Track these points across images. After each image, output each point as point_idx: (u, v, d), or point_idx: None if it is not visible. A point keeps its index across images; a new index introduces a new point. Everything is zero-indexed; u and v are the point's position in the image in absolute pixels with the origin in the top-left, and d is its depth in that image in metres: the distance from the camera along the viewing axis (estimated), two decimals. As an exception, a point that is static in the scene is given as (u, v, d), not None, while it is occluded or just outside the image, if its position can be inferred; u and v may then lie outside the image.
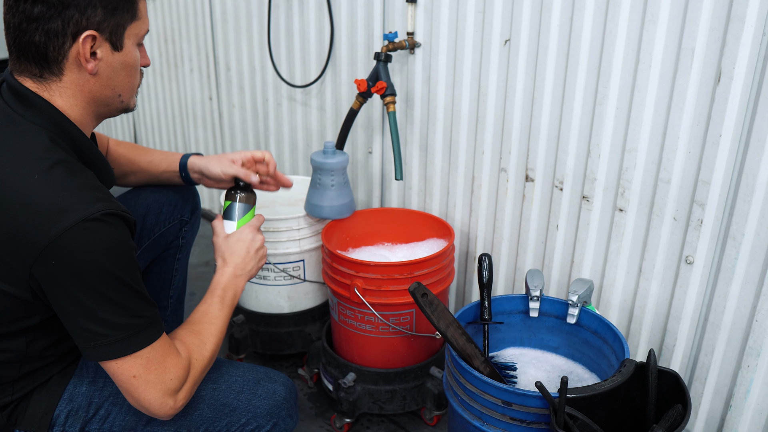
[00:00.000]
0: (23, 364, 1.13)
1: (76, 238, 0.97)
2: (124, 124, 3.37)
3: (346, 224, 1.88)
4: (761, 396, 1.41)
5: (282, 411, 1.25)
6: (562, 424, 1.12)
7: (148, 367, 1.07)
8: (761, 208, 1.31)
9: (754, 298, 1.36)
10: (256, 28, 2.37)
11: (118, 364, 1.05)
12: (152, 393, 1.08)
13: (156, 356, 1.07)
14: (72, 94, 1.08)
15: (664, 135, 1.41)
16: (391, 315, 1.66)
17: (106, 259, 1.00)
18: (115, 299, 1.02)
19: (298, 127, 2.37)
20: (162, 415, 1.11)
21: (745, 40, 1.24)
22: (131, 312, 1.04)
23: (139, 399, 1.08)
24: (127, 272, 1.03)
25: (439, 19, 1.76)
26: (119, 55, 1.10)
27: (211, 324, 1.22)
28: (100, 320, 1.02)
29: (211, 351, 1.19)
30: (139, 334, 1.05)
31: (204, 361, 1.17)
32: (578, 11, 1.47)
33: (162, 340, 1.09)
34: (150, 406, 1.09)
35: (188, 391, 1.13)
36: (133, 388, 1.07)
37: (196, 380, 1.15)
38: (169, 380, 1.09)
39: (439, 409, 1.77)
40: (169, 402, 1.09)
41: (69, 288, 1.00)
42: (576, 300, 1.46)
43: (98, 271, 1.00)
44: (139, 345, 1.05)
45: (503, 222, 1.80)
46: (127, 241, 1.05)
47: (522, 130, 1.68)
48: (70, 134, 1.09)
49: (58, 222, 0.96)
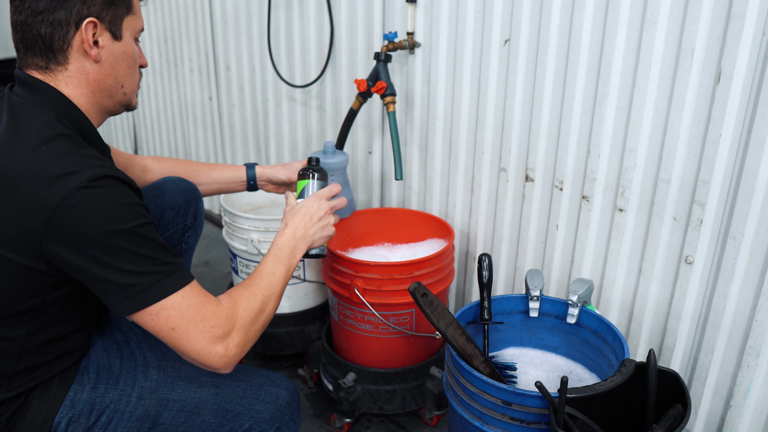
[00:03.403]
0: (20, 358, 1.12)
1: (84, 197, 0.99)
2: (125, 123, 3.37)
3: (346, 224, 1.88)
4: (761, 396, 1.41)
5: (285, 415, 1.24)
6: (562, 424, 1.12)
7: (184, 316, 1.05)
8: (761, 208, 1.31)
9: (754, 298, 1.36)
10: (256, 28, 2.37)
11: (152, 317, 1.04)
12: (196, 342, 1.06)
13: (190, 304, 1.06)
14: (77, 83, 1.12)
15: (664, 135, 1.41)
16: (391, 315, 1.66)
17: (117, 214, 1.01)
18: (134, 250, 1.02)
19: (298, 127, 2.37)
20: (218, 366, 1.09)
21: (745, 39, 1.24)
22: (155, 260, 1.04)
23: (187, 352, 1.07)
24: (141, 225, 1.04)
25: (439, 19, 1.76)
26: (119, 45, 1.15)
27: (262, 279, 1.22)
28: (124, 272, 1.02)
29: (261, 302, 1.18)
30: (166, 279, 1.05)
31: (252, 311, 1.15)
32: (578, 11, 1.47)
33: (194, 287, 1.08)
34: (199, 357, 1.07)
35: (239, 340, 1.11)
36: (176, 342, 1.06)
37: (247, 330, 1.13)
38: (210, 327, 1.07)
39: (439, 409, 1.77)
40: (217, 350, 1.08)
41: (85, 248, 1.00)
42: (576, 300, 1.46)
43: (111, 226, 1.00)
44: (169, 289, 1.04)
45: (503, 222, 1.80)
46: (136, 199, 1.06)
47: (522, 130, 1.68)
48: (76, 119, 1.12)
49: (65, 185, 0.98)
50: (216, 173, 1.66)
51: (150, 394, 1.19)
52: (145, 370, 1.22)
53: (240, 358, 1.13)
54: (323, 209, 1.39)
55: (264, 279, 1.22)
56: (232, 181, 1.67)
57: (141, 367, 1.22)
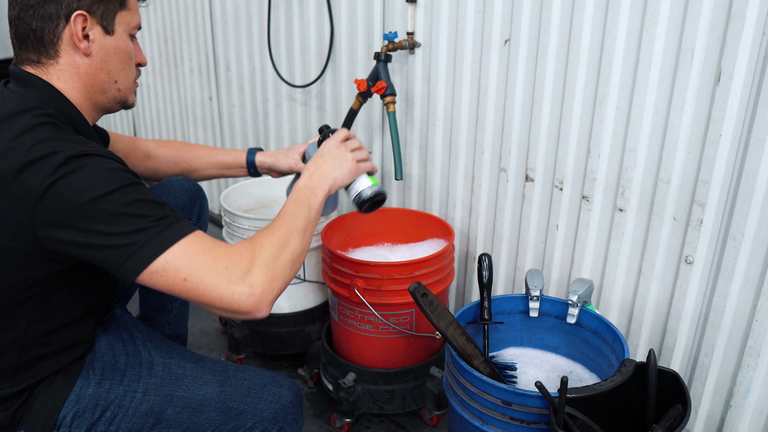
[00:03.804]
0: (23, 350, 1.12)
1: (64, 174, 0.98)
2: (125, 123, 3.37)
3: (346, 224, 1.88)
4: (761, 396, 1.41)
5: (288, 415, 1.25)
6: (562, 424, 1.12)
7: (193, 263, 1.01)
8: (761, 207, 1.31)
9: (754, 298, 1.36)
10: (256, 28, 2.37)
11: (161, 274, 1.00)
12: (215, 287, 1.01)
13: (197, 249, 1.02)
14: (69, 76, 1.13)
15: (664, 135, 1.41)
16: (391, 315, 1.66)
17: (101, 181, 1.00)
18: (125, 211, 1.00)
19: (298, 127, 2.37)
20: (248, 307, 1.03)
21: (745, 39, 1.24)
22: (149, 217, 1.01)
23: (209, 302, 1.02)
24: (128, 185, 1.02)
25: (439, 18, 1.76)
26: (111, 39, 1.15)
27: (280, 218, 1.17)
28: (120, 234, 0.99)
29: (280, 237, 1.12)
30: (164, 232, 1.01)
31: (272, 246, 1.09)
32: (578, 11, 1.47)
33: (198, 235, 1.04)
34: (223, 302, 1.02)
35: (264, 276, 1.04)
36: (193, 293, 1.01)
37: (270, 265, 1.07)
38: (225, 268, 1.02)
39: (439, 409, 1.77)
40: (240, 289, 1.02)
41: (76, 222, 0.99)
42: (576, 300, 1.47)
43: (96, 193, 0.99)
44: (170, 240, 1.01)
45: (503, 222, 1.80)
46: (119, 165, 1.05)
47: (522, 129, 1.68)
48: (67, 112, 1.12)
49: (45, 166, 0.98)
50: (216, 157, 1.64)
51: (155, 390, 1.20)
52: (150, 367, 1.23)
53: (272, 296, 1.05)
54: (339, 149, 1.36)
55: (281, 218, 1.17)
56: (232, 166, 1.64)
57: (146, 364, 1.23)
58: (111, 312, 1.35)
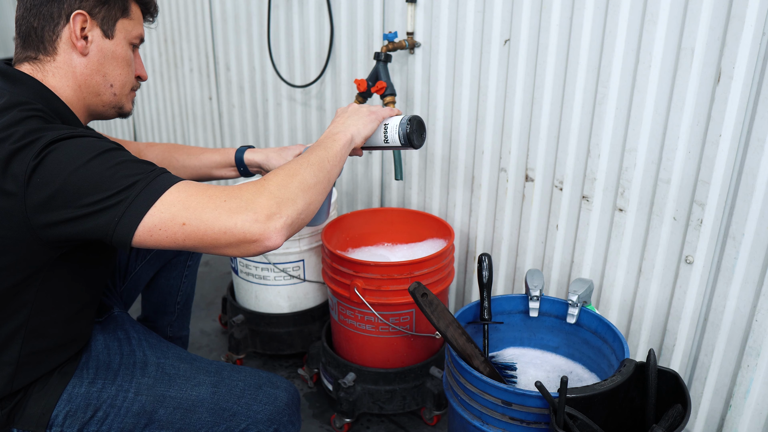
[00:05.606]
0: (24, 342, 1.12)
1: (48, 153, 0.97)
2: (125, 123, 3.37)
3: (346, 224, 1.88)
4: (761, 396, 1.41)
5: (283, 417, 1.24)
6: (562, 424, 1.12)
7: (189, 205, 0.96)
8: (761, 207, 1.31)
9: (754, 298, 1.36)
10: (256, 28, 2.37)
11: (159, 228, 0.96)
12: (215, 222, 0.95)
13: (190, 192, 0.98)
14: (64, 74, 1.14)
15: (664, 135, 1.41)
16: (391, 315, 1.66)
17: (82, 152, 0.98)
18: (109, 173, 0.97)
19: (298, 127, 2.37)
20: (258, 234, 0.96)
21: (745, 39, 1.24)
22: (136, 174, 0.98)
23: (214, 239, 0.96)
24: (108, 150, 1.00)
25: (439, 18, 1.76)
26: (110, 43, 1.17)
27: (290, 162, 1.11)
28: (109, 196, 0.96)
29: (288, 169, 1.06)
30: (152, 184, 0.97)
31: (276, 177, 1.03)
32: (578, 11, 1.47)
33: (188, 182, 1.00)
34: (227, 235, 0.96)
35: (269, 202, 0.98)
36: (196, 235, 0.96)
37: (275, 193, 1.00)
38: (223, 201, 0.97)
39: (439, 409, 1.77)
40: (245, 216, 0.95)
41: (68, 197, 0.97)
42: (576, 300, 1.46)
43: (79, 162, 0.97)
44: (159, 190, 0.97)
45: (503, 222, 1.80)
46: (101, 137, 1.04)
47: (522, 130, 1.68)
48: (56, 108, 1.12)
49: (33, 149, 0.98)
50: (206, 155, 1.59)
51: (147, 390, 1.20)
52: (144, 367, 1.22)
53: (281, 222, 0.98)
54: (352, 106, 1.32)
55: (291, 162, 1.11)
56: (221, 164, 1.58)
57: (140, 364, 1.23)
58: (109, 311, 1.35)
